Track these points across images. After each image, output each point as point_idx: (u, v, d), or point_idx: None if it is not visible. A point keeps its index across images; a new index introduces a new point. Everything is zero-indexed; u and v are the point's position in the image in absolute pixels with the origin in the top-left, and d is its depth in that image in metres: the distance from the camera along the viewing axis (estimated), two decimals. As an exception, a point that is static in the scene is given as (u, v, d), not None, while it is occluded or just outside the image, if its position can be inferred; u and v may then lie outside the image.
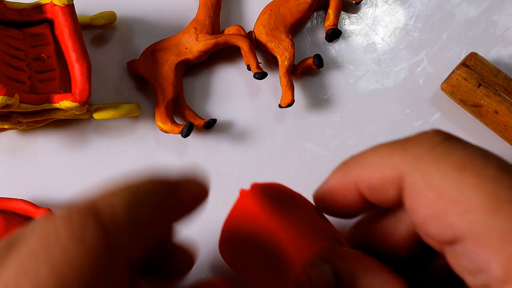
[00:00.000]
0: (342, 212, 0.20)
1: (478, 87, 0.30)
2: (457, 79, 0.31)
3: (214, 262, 0.32)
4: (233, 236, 0.29)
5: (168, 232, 0.22)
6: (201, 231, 0.33)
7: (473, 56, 0.31)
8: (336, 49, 0.35)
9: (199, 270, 0.33)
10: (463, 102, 0.32)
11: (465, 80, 0.31)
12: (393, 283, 0.18)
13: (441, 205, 0.16)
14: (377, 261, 0.19)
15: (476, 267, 0.15)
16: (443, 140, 0.17)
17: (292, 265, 0.26)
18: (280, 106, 0.32)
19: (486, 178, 0.15)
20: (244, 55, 0.32)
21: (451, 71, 0.32)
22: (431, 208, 0.16)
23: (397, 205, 0.18)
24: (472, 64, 0.31)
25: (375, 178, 0.18)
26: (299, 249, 0.26)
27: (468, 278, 0.16)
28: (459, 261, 0.16)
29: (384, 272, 0.18)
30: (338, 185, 0.20)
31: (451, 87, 0.32)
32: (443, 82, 0.32)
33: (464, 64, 0.31)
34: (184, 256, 0.25)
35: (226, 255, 0.29)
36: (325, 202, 0.20)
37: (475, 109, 0.31)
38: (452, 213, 0.15)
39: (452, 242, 0.16)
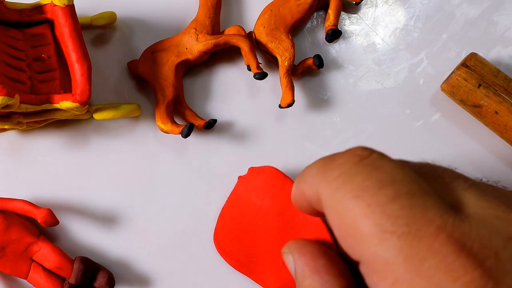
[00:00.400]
0: (310, 213, 0.22)
1: (478, 87, 0.30)
2: (457, 79, 0.31)
3: (210, 256, 0.32)
4: (228, 222, 0.31)
5: None
6: (201, 231, 0.33)
7: (473, 56, 0.31)
8: (336, 49, 0.35)
9: (197, 264, 0.33)
10: (463, 102, 0.32)
11: (465, 80, 0.31)
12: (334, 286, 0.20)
13: (343, 230, 0.18)
14: (330, 261, 0.21)
15: (372, 287, 0.17)
16: (354, 164, 0.18)
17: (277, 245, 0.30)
18: (280, 106, 0.32)
19: (374, 208, 0.16)
20: (244, 56, 0.32)
21: (451, 72, 0.32)
22: (337, 230, 0.18)
23: None
24: (472, 65, 0.31)
25: (308, 194, 0.20)
26: (284, 231, 0.30)
27: None
28: (364, 276, 0.18)
29: (331, 275, 0.20)
30: (296, 194, 0.22)
31: (451, 88, 0.32)
32: (443, 83, 0.32)
33: (464, 64, 0.31)
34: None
35: (220, 245, 0.31)
36: (296, 206, 0.23)
37: (475, 109, 0.31)
38: (350, 238, 0.17)
39: (357, 262, 0.18)
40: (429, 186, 0.17)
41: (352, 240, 0.17)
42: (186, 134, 0.31)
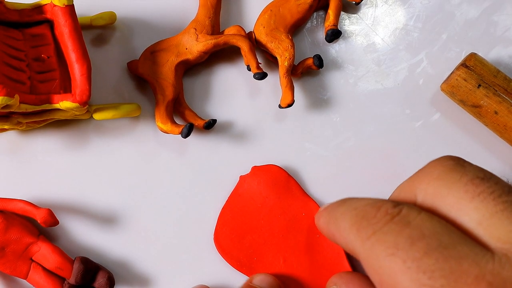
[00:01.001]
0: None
1: (478, 87, 0.30)
2: (456, 79, 0.31)
3: (210, 257, 0.32)
4: (229, 222, 0.32)
5: None
6: (201, 231, 0.33)
7: (472, 56, 0.31)
8: (336, 49, 0.35)
9: (197, 264, 0.33)
10: (462, 102, 0.32)
11: (465, 80, 0.31)
12: None
13: (383, 285, 0.19)
14: None
15: None
16: (385, 223, 0.19)
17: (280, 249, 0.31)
18: (280, 106, 0.32)
19: (410, 264, 0.17)
20: (244, 56, 0.32)
21: (450, 72, 0.32)
22: (378, 285, 0.19)
23: None
24: (472, 65, 0.31)
25: (339, 241, 0.22)
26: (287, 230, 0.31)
27: None
28: None
29: None
30: (324, 230, 0.25)
31: (450, 88, 0.32)
32: (443, 83, 0.32)
33: (463, 64, 0.31)
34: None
35: (221, 245, 0.31)
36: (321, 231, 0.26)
37: (475, 109, 0.31)
38: None
39: None
40: (461, 233, 0.18)
41: None
42: (186, 134, 0.31)
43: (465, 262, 0.16)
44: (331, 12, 0.34)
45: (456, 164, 0.20)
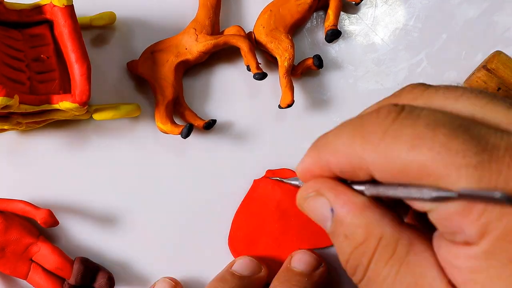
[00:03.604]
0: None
1: (498, 90, 0.30)
2: (477, 81, 0.31)
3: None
4: (243, 226, 0.31)
5: None
6: (200, 231, 0.33)
7: (495, 57, 0.31)
8: (335, 49, 0.35)
9: (197, 264, 0.33)
10: None
11: (485, 83, 0.31)
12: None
13: (403, 178, 0.17)
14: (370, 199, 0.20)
15: (452, 229, 0.17)
16: (393, 120, 0.18)
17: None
18: (280, 106, 0.32)
19: (439, 149, 0.16)
20: (244, 56, 0.32)
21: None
22: (396, 179, 0.18)
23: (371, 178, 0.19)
24: (493, 68, 0.31)
25: (343, 164, 0.19)
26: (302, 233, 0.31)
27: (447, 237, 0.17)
28: (437, 224, 0.17)
29: (382, 208, 0.19)
30: (314, 165, 0.21)
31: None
32: (465, 81, 0.32)
33: (484, 66, 0.31)
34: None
35: (235, 248, 0.31)
36: (307, 179, 0.22)
37: None
38: (412, 177, 0.17)
39: (424, 212, 0.17)
40: (469, 119, 0.18)
41: (427, 182, 0.17)
42: (185, 135, 0.31)
43: (491, 137, 0.16)
44: (331, 12, 0.34)
45: (428, 85, 0.20)
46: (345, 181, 0.20)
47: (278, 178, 0.31)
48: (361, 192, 0.20)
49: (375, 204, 0.19)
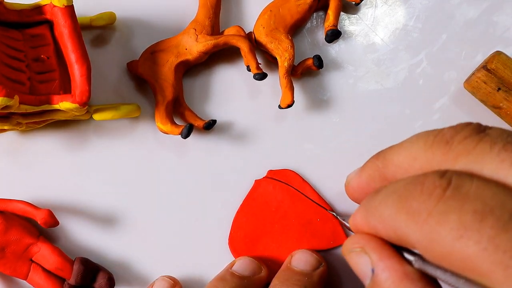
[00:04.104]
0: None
1: (498, 90, 0.30)
2: (476, 81, 0.31)
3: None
4: (243, 226, 0.31)
5: None
6: (200, 231, 0.33)
7: (495, 57, 0.31)
8: (335, 49, 0.35)
9: (196, 264, 0.33)
10: (483, 102, 0.32)
11: (485, 83, 0.31)
12: None
13: (456, 268, 0.17)
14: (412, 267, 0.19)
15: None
16: (439, 200, 0.17)
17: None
18: (280, 107, 0.32)
19: (486, 245, 0.15)
20: (244, 56, 0.32)
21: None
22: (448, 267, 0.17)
23: None
24: (493, 68, 0.31)
25: (390, 234, 0.19)
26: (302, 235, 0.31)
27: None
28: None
29: (424, 282, 0.19)
30: (363, 226, 0.21)
31: (471, 88, 0.32)
32: (465, 81, 0.32)
33: (484, 67, 0.31)
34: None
35: (235, 249, 0.31)
36: (357, 231, 0.21)
37: (496, 110, 0.31)
38: (467, 274, 0.16)
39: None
40: None
41: (472, 276, 0.16)
42: (185, 135, 0.31)
43: None
44: (331, 12, 0.34)
45: (479, 132, 0.18)
46: (397, 246, 0.20)
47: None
48: (409, 262, 0.19)
49: (419, 276, 0.19)
